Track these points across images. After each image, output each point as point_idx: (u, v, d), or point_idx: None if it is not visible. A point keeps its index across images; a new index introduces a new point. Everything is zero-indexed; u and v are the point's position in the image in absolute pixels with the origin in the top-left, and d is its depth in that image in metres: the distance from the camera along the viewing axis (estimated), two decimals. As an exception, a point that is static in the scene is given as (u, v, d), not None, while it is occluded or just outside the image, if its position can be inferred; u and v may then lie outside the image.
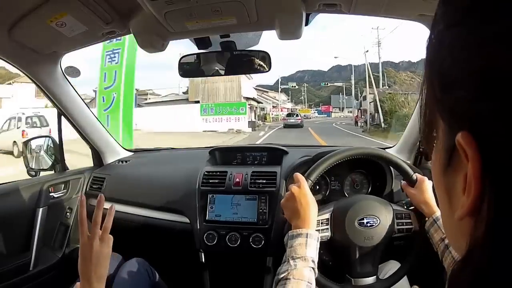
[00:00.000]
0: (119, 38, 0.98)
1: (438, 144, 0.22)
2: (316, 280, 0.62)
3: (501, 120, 0.15)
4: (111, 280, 0.95)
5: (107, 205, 1.30)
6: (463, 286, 0.18)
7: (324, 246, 0.65)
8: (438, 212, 0.72)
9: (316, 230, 0.68)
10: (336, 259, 0.78)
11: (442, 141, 0.21)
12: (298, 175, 0.74)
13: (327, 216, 0.78)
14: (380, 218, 0.75)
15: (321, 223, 0.77)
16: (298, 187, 0.71)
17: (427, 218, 0.75)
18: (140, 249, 1.14)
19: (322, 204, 0.82)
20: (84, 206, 0.66)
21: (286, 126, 20.16)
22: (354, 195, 0.92)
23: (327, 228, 0.77)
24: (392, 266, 0.88)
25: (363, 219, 0.75)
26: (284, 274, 0.60)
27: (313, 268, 0.62)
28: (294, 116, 22.08)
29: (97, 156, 1.44)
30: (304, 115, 27.28)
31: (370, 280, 0.73)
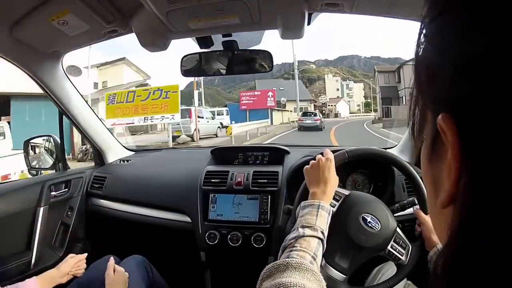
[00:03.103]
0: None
1: (425, 136, 0.22)
2: None
3: (478, 103, 0.16)
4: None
5: (107, 204, 1.31)
6: (441, 274, 0.18)
7: None
8: None
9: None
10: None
11: (428, 131, 0.21)
12: (328, 151, 0.76)
13: (340, 194, 0.78)
14: (382, 228, 0.73)
15: (335, 196, 0.76)
16: (326, 160, 0.72)
17: (433, 247, 0.72)
18: (141, 248, 1.14)
19: None
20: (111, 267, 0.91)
21: (302, 128, 16.44)
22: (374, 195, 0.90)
23: (335, 204, 0.76)
24: (390, 266, 0.87)
25: (368, 216, 0.74)
26: (292, 241, 0.57)
27: (321, 241, 0.59)
28: (312, 116, 17.91)
29: (99, 155, 1.44)
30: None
31: (338, 276, 0.70)
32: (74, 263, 0.94)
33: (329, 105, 45.00)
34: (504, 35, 0.15)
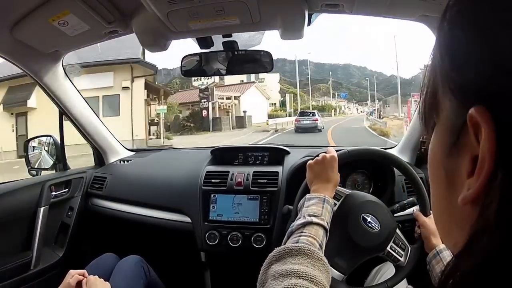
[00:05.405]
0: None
1: (441, 125, 0.21)
2: None
3: None
4: (108, 277, 0.95)
5: (108, 204, 1.31)
6: (466, 275, 0.17)
7: None
8: (442, 245, 0.70)
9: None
10: None
11: (447, 120, 0.20)
12: (332, 149, 0.76)
13: (341, 193, 0.78)
14: (381, 228, 0.73)
15: (335, 195, 0.76)
16: (330, 158, 0.72)
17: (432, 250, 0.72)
18: (141, 248, 1.14)
19: None
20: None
21: (299, 130, 14.90)
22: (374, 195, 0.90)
23: (335, 203, 0.75)
24: (389, 267, 0.87)
25: (368, 216, 0.73)
26: (300, 227, 0.56)
27: (326, 231, 0.59)
28: (310, 115, 16.04)
29: (99, 155, 1.44)
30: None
31: (337, 275, 0.70)
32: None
33: (221, 99, 18.23)
34: None
